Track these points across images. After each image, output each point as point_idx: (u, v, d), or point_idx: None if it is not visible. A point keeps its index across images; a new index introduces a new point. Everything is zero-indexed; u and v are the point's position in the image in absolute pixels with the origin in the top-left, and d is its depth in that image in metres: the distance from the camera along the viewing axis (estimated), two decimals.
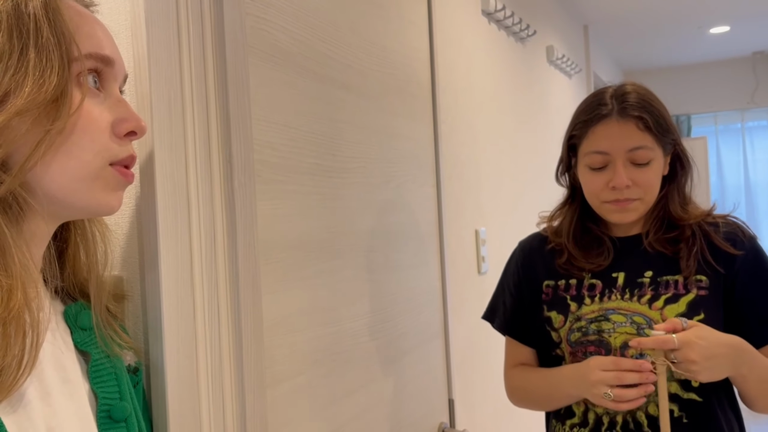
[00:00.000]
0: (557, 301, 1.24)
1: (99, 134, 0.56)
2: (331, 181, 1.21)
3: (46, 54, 0.51)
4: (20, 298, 0.50)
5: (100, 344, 0.64)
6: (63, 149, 0.53)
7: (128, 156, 0.59)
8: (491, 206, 2.09)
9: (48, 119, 0.51)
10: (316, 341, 1.13)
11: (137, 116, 0.59)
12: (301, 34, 1.15)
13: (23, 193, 0.53)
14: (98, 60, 0.56)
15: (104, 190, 0.57)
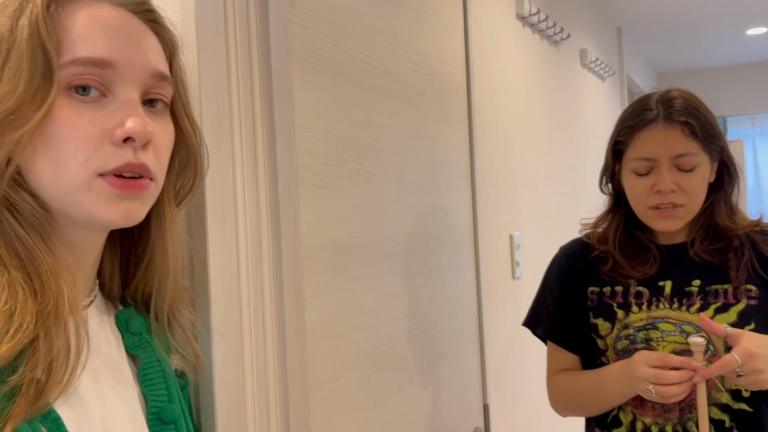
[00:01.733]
0: (603, 308, 1.23)
1: (81, 143, 0.53)
2: (369, 186, 1.23)
3: (17, 68, 0.52)
4: (53, 296, 0.51)
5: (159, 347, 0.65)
6: (48, 160, 0.53)
7: (121, 165, 0.55)
8: (526, 210, 2.09)
9: (14, 129, 0.52)
10: (356, 345, 1.14)
11: (135, 120, 0.55)
12: (341, 41, 1.16)
13: (33, 202, 0.54)
14: (89, 64, 0.54)
15: (97, 203, 0.55)
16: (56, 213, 0.55)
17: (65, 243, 0.56)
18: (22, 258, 0.52)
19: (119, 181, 0.55)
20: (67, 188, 0.54)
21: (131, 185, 0.55)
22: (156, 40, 0.60)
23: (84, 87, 0.54)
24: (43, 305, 0.51)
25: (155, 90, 0.59)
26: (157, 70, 0.58)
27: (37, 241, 0.53)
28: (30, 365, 0.49)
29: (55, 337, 0.51)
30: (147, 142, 0.56)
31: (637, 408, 1.18)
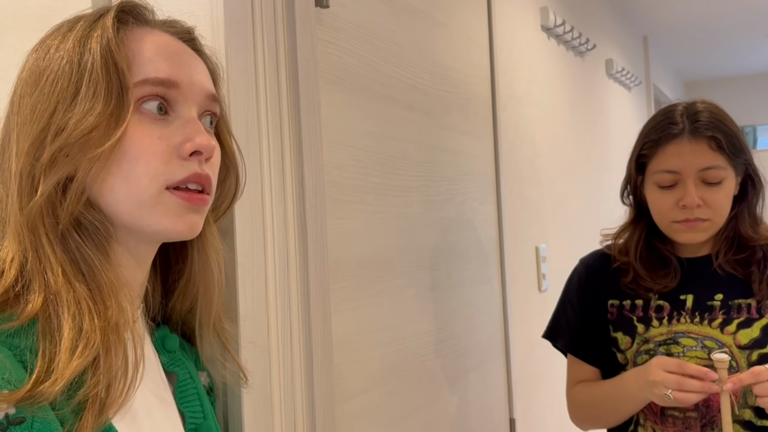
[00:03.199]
0: (623, 321, 1.22)
1: (153, 159, 0.56)
2: (395, 200, 1.23)
3: (94, 90, 0.54)
4: (114, 312, 0.53)
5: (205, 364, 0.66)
6: (120, 175, 0.55)
7: (189, 175, 0.58)
8: (552, 222, 2.07)
9: (92, 147, 0.54)
10: (382, 359, 1.14)
11: (201, 136, 0.58)
12: (368, 56, 1.17)
13: (101, 218, 0.56)
14: (157, 84, 0.57)
15: (166, 215, 0.57)
16: (120, 228, 0.57)
17: (124, 259, 0.58)
18: (85, 275, 0.53)
19: (186, 194, 0.57)
20: (139, 202, 0.56)
21: (197, 198, 0.58)
22: (204, 65, 0.63)
23: (156, 106, 0.57)
24: (107, 321, 0.52)
25: (209, 109, 0.62)
26: (211, 91, 0.62)
27: (100, 258, 0.55)
28: (93, 381, 0.51)
29: (116, 354, 0.52)
30: (210, 156, 0.59)
31: (657, 423, 1.17)
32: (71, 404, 0.50)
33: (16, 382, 0.47)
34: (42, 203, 0.53)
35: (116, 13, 0.58)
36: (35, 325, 0.51)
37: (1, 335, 0.50)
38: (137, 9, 0.61)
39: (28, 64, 0.58)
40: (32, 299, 0.51)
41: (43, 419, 0.48)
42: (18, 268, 0.52)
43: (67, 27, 0.58)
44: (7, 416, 0.46)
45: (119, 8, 0.59)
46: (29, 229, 0.52)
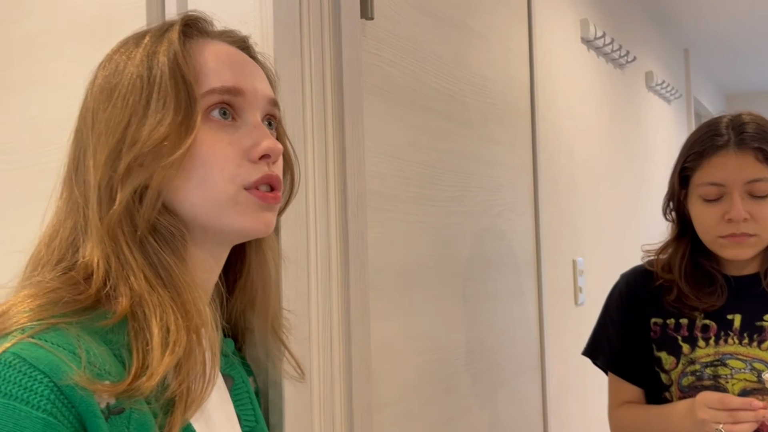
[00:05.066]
0: (667, 340, 1.19)
1: (226, 162, 0.58)
2: (434, 210, 1.24)
3: (164, 101, 0.57)
4: (194, 314, 0.55)
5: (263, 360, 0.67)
6: (196, 180, 0.58)
7: (261, 176, 0.60)
8: (589, 235, 2.05)
9: (165, 156, 0.56)
10: (418, 368, 1.15)
11: (269, 139, 0.61)
12: (409, 67, 1.18)
13: (176, 223, 0.58)
14: (224, 93, 0.60)
15: (244, 214, 0.59)
16: (197, 230, 0.59)
17: (200, 261, 0.60)
18: (163, 279, 0.56)
19: (261, 193, 0.60)
20: (217, 203, 0.58)
21: (270, 197, 0.61)
22: (262, 71, 0.66)
23: (222, 113, 0.60)
24: (188, 322, 0.54)
25: (270, 113, 0.64)
26: (272, 97, 0.64)
27: (177, 262, 0.57)
28: (178, 380, 0.53)
29: (197, 353, 0.55)
30: (278, 158, 0.62)
31: None
32: (160, 402, 0.53)
33: (116, 375, 0.50)
34: (120, 212, 0.55)
35: (181, 27, 0.60)
36: (126, 324, 0.54)
37: (99, 332, 0.52)
38: (200, 22, 0.63)
39: (98, 80, 0.60)
40: (121, 301, 0.54)
41: (140, 411, 0.51)
42: (104, 273, 0.54)
43: (133, 42, 0.61)
44: (108, 405, 0.49)
45: (183, 22, 0.61)
46: (110, 237, 0.55)
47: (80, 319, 0.52)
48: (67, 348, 0.49)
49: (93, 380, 0.48)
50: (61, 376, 0.47)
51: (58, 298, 0.52)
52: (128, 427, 0.50)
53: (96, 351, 0.51)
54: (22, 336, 0.49)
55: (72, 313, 0.52)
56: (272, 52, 0.84)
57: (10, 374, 0.46)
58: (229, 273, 0.68)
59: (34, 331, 0.49)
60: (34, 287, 0.54)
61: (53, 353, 0.48)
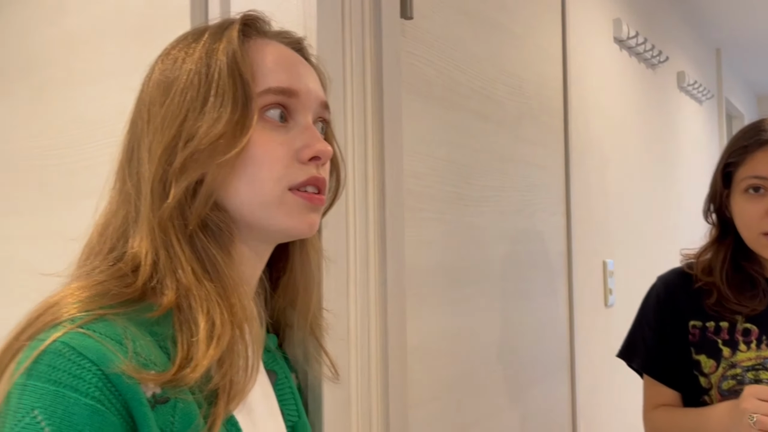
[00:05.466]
0: (707, 344, 1.18)
1: (276, 163, 0.59)
2: (468, 210, 1.24)
3: (222, 99, 0.57)
4: (238, 308, 0.56)
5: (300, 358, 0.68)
6: (246, 179, 0.58)
7: (308, 178, 0.60)
8: (620, 237, 2.03)
9: (220, 154, 0.57)
10: (451, 367, 1.15)
11: (320, 142, 0.61)
12: (446, 66, 1.18)
13: (225, 219, 0.59)
14: (279, 93, 0.60)
15: (289, 214, 0.60)
16: (243, 227, 0.60)
17: (245, 257, 0.61)
18: (210, 273, 0.56)
19: (306, 195, 0.60)
20: (263, 203, 0.59)
21: (316, 198, 0.61)
22: (315, 73, 0.66)
23: (279, 115, 0.60)
24: (233, 317, 0.55)
25: (321, 116, 0.65)
26: (324, 99, 0.65)
27: (224, 258, 0.58)
28: (221, 372, 0.54)
29: (240, 348, 0.56)
30: (326, 161, 0.63)
31: None
32: (204, 392, 0.54)
33: (161, 366, 0.51)
34: (173, 206, 0.56)
35: (240, 26, 0.61)
36: (171, 316, 0.54)
37: (145, 323, 0.53)
38: (258, 22, 0.64)
39: (155, 74, 0.61)
40: (167, 293, 0.54)
41: (184, 401, 0.52)
42: (152, 265, 0.55)
43: (192, 38, 0.61)
44: (154, 395, 0.50)
45: (242, 21, 0.62)
46: (161, 230, 0.56)
47: (127, 310, 0.53)
48: (114, 338, 0.50)
49: (139, 369, 0.49)
50: (109, 365, 0.48)
51: (106, 290, 0.54)
52: (173, 416, 0.51)
53: (142, 342, 0.52)
54: (71, 326, 0.50)
55: (119, 304, 0.53)
56: (315, 52, 0.85)
57: (60, 362, 0.47)
58: (273, 270, 0.69)
59: (83, 322, 0.50)
60: (84, 279, 0.55)
61: (101, 343, 0.49)
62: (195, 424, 0.52)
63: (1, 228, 1.23)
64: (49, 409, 0.46)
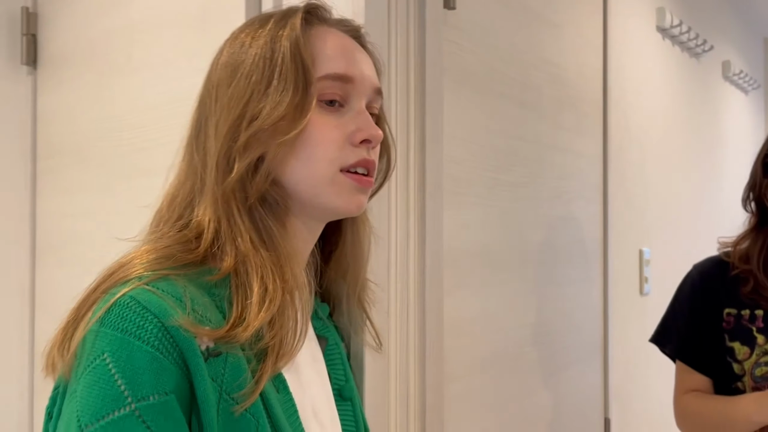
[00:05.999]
0: (741, 331, 1.20)
1: (330, 145, 0.63)
2: (505, 195, 1.27)
3: (284, 83, 0.62)
4: (290, 277, 0.61)
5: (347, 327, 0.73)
6: (302, 158, 0.63)
7: (359, 160, 0.64)
8: (657, 226, 2.04)
9: (281, 134, 0.61)
10: (486, 346, 1.19)
11: (371, 126, 0.65)
12: (485, 55, 1.22)
13: (282, 195, 0.64)
14: (336, 79, 0.64)
15: (339, 194, 0.64)
16: (297, 204, 0.65)
17: (298, 231, 0.66)
18: (266, 243, 0.61)
19: (356, 176, 0.65)
20: (316, 182, 0.64)
21: (365, 181, 0.65)
22: (370, 60, 0.70)
23: (331, 99, 0.64)
24: (285, 285, 0.60)
25: (374, 102, 0.69)
26: (378, 85, 0.69)
27: (280, 229, 0.63)
28: (272, 334, 0.59)
29: (290, 314, 0.61)
30: (377, 145, 0.67)
31: None
32: (255, 348, 0.59)
33: (216, 323, 0.57)
34: (236, 180, 0.61)
35: (303, 14, 0.65)
36: (229, 280, 0.60)
37: (204, 285, 0.59)
38: (320, 10, 0.68)
39: (223, 56, 0.66)
40: (226, 259, 0.60)
41: (235, 355, 0.57)
42: (214, 232, 0.61)
43: (258, 24, 0.66)
44: (208, 348, 0.55)
45: (306, 9, 0.66)
46: (223, 201, 0.61)
47: (188, 272, 0.59)
48: (175, 296, 0.56)
49: (195, 324, 0.55)
50: (168, 319, 0.54)
51: (171, 253, 0.59)
52: (224, 369, 0.56)
53: (200, 301, 0.57)
54: (138, 283, 0.56)
55: (182, 267, 0.59)
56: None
57: (126, 314, 0.53)
58: (326, 244, 0.73)
59: (148, 280, 0.56)
60: (153, 243, 0.61)
61: (163, 299, 0.55)
62: (243, 377, 0.57)
63: (68, 205, 1.31)
64: (116, 353, 0.52)
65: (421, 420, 0.98)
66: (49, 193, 1.36)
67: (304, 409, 0.64)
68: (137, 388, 0.51)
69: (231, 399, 0.56)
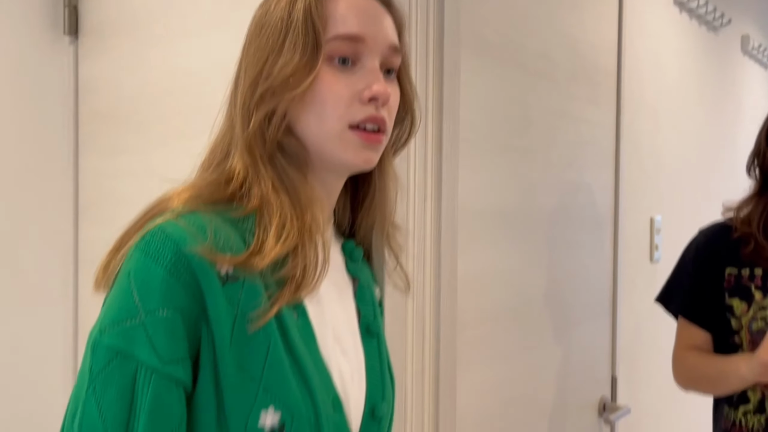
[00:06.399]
0: (740, 289, 1.27)
1: (338, 102, 0.67)
2: (519, 160, 1.34)
3: (295, 43, 0.67)
4: (309, 218, 0.68)
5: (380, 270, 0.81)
6: (312, 114, 0.68)
7: (366, 116, 0.68)
8: (669, 196, 2.09)
9: (290, 90, 0.67)
10: (498, 299, 1.27)
11: (379, 84, 0.68)
12: (502, 25, 1.28)
13: (299, 147, 0.70)
14: (346, 39, 0.68)
15: (347, 150, 0.69)
16: (314, 157, 0.71)
17: (317, 184, 0.73)
18: (288, 189, 0.69)
19: (364, 134, 0.70)
20: (326, 137, 0.69)
21: (373, 138, 0.70)
22: (390, 19, 0.74)
23: (342, 58, 0.69)
24: (302, 224, 0.67)
25: (390, 59, 0.73)
26: (394, 43, 0.72)
27: (300, 178, 0.70)
28: (292, 265, 0.66)
29: (309, 249, 0.68)
30: (386, 102, 0.70)
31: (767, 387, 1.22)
32: (275, 277, 0.66)
33: (237, 251, 0.64)
34: (255, 130, 0.68)
35: None
36: (254, 218, 0.67)
37: (231, 220, 0.67)
38: None
39: (255, 17, 0.72)
40: (251, 200, 0.67)
41: (251, 281, 0.64)
42: (242, 178, 0.68)
43: None
44: (227, 273, 0.63)
45: None
46: (247, 150, 0.68)
47: (217, 209, 0.66)
48: (199, 226, 0.63)
49: (215, 252, 0.62)
50: (186, 246, 0.61)
51: (203, 192, 0.67)
52: (241, 292, 0.63)
53: (224, 231, 0.64)
54: (170, 215, 0.64)
55: (212, 204, 0.67)
56: None
57: (153, 240, 0.62)
58: (357, 195, 0.80)
59: (179, 213, 0.64)
60: (189, 184, 0.69)
61: (186, 229, 0.62)
62: (259, 299, 0.63)
63: (108, 166, 1.41)
64: (137, 273, 0.61)
65: (435, 362, 1.07)
66: (90, 156, 1.46)
67: (324, 337, 0.70)
68: (147, 303, 0.59)
69: (246, 319, 0.63)
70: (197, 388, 0.62)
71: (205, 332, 0.62)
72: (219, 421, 0.62)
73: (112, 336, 0.60)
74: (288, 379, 0.63)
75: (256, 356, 0.63)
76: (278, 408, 0.63)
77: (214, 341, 0.62)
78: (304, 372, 0.65)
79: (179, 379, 0.61)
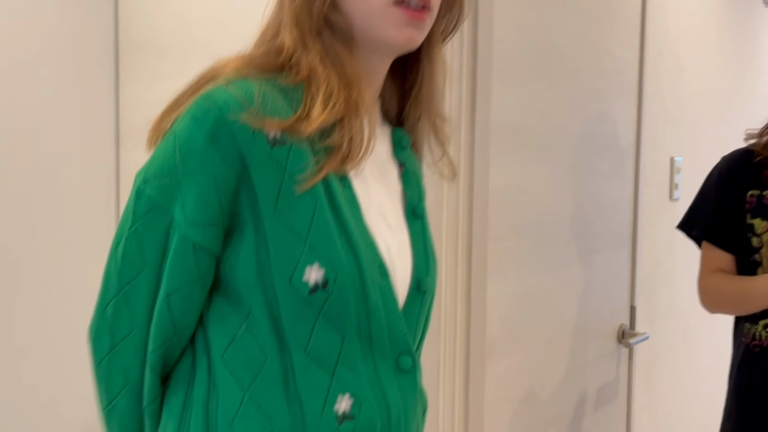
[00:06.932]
0: (761, 208, 1.31)
1: None
2: (546, 82, 1.38)
3: None
4: (355, 93, 0.70)
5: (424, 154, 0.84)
6: None
7: None
8: (690, 138, 2.12)
9: None
10: (525, 215, 1.33)
11: None
12: None
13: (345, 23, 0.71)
14: None
15: (389, 27, 0.69)
16: (359, 35, 0.73)
17: (362, 59, 0.74)
18: (333, 61, 0.71)
19: (408, 11, 0.71)
20: (370, 12, 0.71)
21: (416, 15, 0.71)
22: None
23: None
24: (348, 96, 0.70)
25: None
26: None
27: (345, 52, 0.72)
28: (339, 134, 0.70)
29: (355, 123, 0.70)
30: None
31: None
32: (322, 145, 0.69)
33: (284, 116, 0.67)
34: (302, 3, 0.70)
35: None
36: (303, 87, 0.70)
37: (281, 88, 0.69)
38: None
39: None
40: (301, 70, 0.70)
41: (298, 146, 0.67)
42: (291, 51, 0.71)
43: None
44: (275, 137, 0.66)
45: None
46: (296, 24, 0.71)
47: (267, 77, 0.69)
48: (247, 93, 0.66)
49: (261, 117, 0.65)
50: (230, 112, 0.64)
51: (255, 62, 0.70)
52: (288, 155, 0.66)
53: (272, 98, 0.67)
54: (221, 82, 0.67)
55: (262, 72, 0.69)
56: None
57: (200, 104, 0.65)
58: (406, 82, 0.82)
59: (230, 79, 0.67)
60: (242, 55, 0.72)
61: (233, 95, 0.65)
62: (306, 162, 0.67)
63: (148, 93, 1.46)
64: (182, 132, 0.65)
65: (467, 267, 1.13)
66: (130, 84, 1.51)
67: (369, 209, 0.73)
68: (185, 165, 0.64)
69: (293, 181, 0.66)
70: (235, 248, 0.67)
71: (244, 197, 0.66)
72: (260, 276, 0.66)
73: (154, 188, 0.65)
74: (333, 239, 0.67)
75: (302, 216, 0.66)
76: (323, 265, 0.66)
77: (258, 202, 0.65)
78: (349, 236, 0.68)
79: (196, 242, 0.65)
